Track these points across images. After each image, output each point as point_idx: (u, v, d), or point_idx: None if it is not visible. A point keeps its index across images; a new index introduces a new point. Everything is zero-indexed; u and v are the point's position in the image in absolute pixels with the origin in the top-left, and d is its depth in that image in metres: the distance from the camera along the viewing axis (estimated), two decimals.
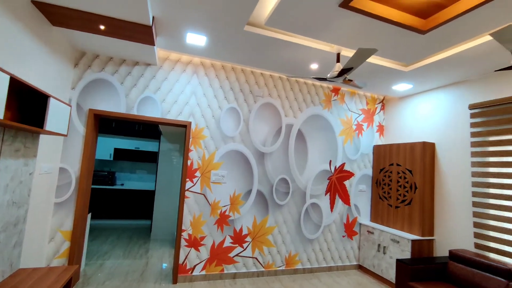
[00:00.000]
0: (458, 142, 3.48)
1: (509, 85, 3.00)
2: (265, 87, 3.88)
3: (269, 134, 3.86)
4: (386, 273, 3.78)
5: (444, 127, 3.67)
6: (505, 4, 1.99)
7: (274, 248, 3.81)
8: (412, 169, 3.78)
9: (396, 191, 4.01)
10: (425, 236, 3.59)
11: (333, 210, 4.18)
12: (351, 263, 4.27)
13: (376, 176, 4.39)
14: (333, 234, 4.17)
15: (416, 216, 3.66)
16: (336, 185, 4.22)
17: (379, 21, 2.34)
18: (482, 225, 3.11)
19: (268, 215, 3.79)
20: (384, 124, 4.67)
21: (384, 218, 4.16)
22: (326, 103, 4.24)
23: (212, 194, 3.53)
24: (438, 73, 3.29)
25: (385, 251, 3.83)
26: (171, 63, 3.45)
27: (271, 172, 3.84)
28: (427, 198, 3.67)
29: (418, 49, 2.80)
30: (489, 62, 2.90)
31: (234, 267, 3.59)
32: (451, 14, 2.19)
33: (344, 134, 4.32)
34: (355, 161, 4.37)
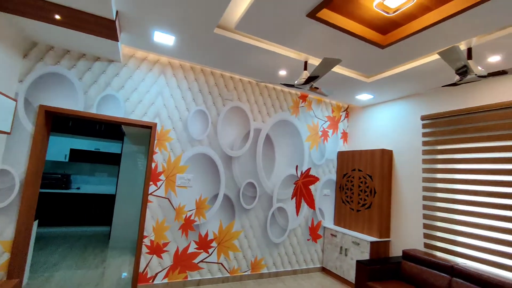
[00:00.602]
0: (412, 150, 3.77)
1: (454, 100, 3.34)
2: (234, 91, 3.87)
3: (237, 138, 3.85)
4: (348, 274, 3.94)
5: (401, 136, 3.96)
6: (451, 27, 2.21)
7: (240, 253, 3.77)
8: (372, 174, 4.01)
9: (357, 195, 4.22)
10: (382, 238, 3.82)
11: (298, 214, 4.27)
12: (315, 265, 4.38)
13: (340, 181, 4.58)
14: (299, 238, 4.25)
15: (375, 219, 3.88)
16: (302, 189, 4.33)
17: (344, 33, 2.47)
18: (430, 226, 3.39)
19: (235, 219, 3.76)
20: (348, 131, 4.91)
21: (347, 221, 4.35)
22: (294, 109, 4.35)
23: (177, 198, 3.41)
24: (395, 85, 3.56)
25: (347, 253, 3.99)
26: (136, 61, 3.30)
27: (239, 176, 3.82)
28: (385, 202, 3.91)
29: (378, 62, 3.00)
30: (439, 78, 3.20)
31: (199, 273, 3.48)
32: (406, 33, 2.38)
33: (311, 140, 4.46)
34: (320, 166, 4.53)
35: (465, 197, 3.09)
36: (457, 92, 3.32)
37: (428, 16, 2.20)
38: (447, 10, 2.06)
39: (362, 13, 2.29)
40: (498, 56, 2.58)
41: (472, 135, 3.09)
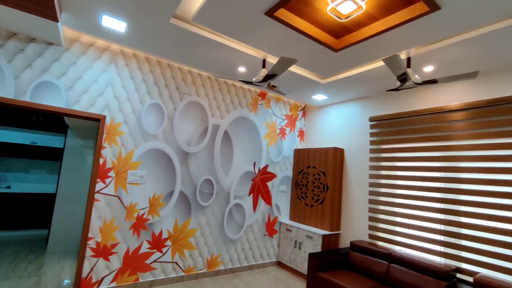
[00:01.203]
0: (361, 149, 4.07)
1: (397, 104, 3.69)
2: (192, 85, 3.76)
3: (194, 134, 3.75)
4: (301, 267, 4.12)
5: (352, 135, 4.25)
6: (394, 38, 2.43)
7: (196, 251, 3.70)
8: (326, 171, 4.24)
9: (312, 191, 4.43)
10: (333, 231, 4.07)
11: (256, 210, 4.33)
12: (271, 260, 4.50)
13: (296, 177, 4.76)
14: (255, 234, 4.32)
15: (327, 214, 4.12)
16: (259, 186, 4.40)
17: (300, 34, 2.55)
18: (374, 219, 3.71)
19: (191, 217, 3.67)
20: (304, 129, 5.12)
21: (301, 216, 4.54)
22: (253, 106, 4.39)
23: (128, 196, 3.20)
24: (347, 88, 3.80)
25: (301, 247, 4.17)
26: (82, 46, 3.00)
27: (195, 173, 3.73)
28: (336, 197, 4.17)
29: (331, 65, 3.17)
30: (384, 83, 3.50)
31: (151, 274, 3.33)
32: (356, 39, 2.56)
33: (269, 138, 4.55)
34: (277, 163, 4.65)
35: (402, 191, 3.44)
36: (400, 97, 3.67)
37: (375, 25, 2.38)
38: (390, 21, 2.25)
39: (318, 16, 2.39)
40: (431, 66, 2.91)
41: (410, 136, 3.45)
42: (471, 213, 2.82)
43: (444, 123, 3.14)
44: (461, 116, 3.00)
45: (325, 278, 3.13)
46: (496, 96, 2.79)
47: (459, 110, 3.03)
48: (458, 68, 2.89)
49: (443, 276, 2.71)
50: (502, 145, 2.68)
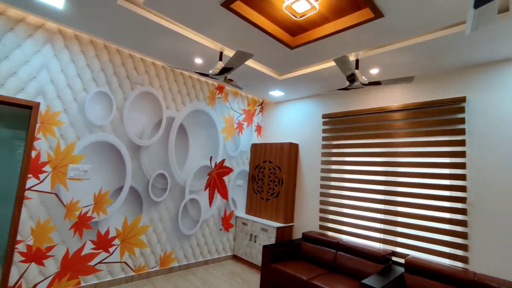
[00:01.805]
0: (314, 144, 4.27)
1: (347, 102, 3.93)
2: (145, 75, 3.53)
3: (147, 126, 3.54)
4: (256, 259, 4.21)
5: (306, 131, 4.43)
6: (344, 40, 2.57)
7: (148, 249, 3.53)
8: (281, 166, 4.37)
9: (267, 185, 4.53)
10: (287, 223, 4.23)
11: (211, 204, 4.28)
12: (227, 254, 4.51)
13: (252, 172, 4.82)
14: (211, 228, 4.28)
15: (281, 207, 4.25)
16: (215, 180, 4.35)
17: (257, 29, 2.55)
18: (325, 210, 3.95)
19: (142, 213, 3.48)
20: (262, 124, 5.19)
21: (257, 210, 4.62)
22: (210, 99, 4.30)
23: (68, 193, 2.91)
24: (303, 85, 3.94)
25: (256, 240, 4.26)
26: (8, 21, 2.60)
27: (148, 167, 3.54)
28: (291, 191, 4.33)
29: (287, 62, 3.25)
30: (336, 82, 3.70)
31: (96, 277, 3.09)
32: (310, 38, 2.65)
33: (226, 132, 4.52)
34: (234, 157, 4.64)
35: (350, 184, 3.71)
36: (349, 96, 3.92)
37: (327, 26, 2.49)
38: (341, 24, 2.38)
39: (274, 12, 2.41)
40: (377, 69, 3.16)
41: (357, 133, 3.72)
42: (406, 203, 3.16)
43: (386, 121, 3.45)
44: (400, 116, 3.33)
45: (278, 269, 3.24)
46: (427, 100, 3.15)
47: (398, 111, 3.35)
48: (399, 72, 3.19)
49: (381, 260, 3.01)
50: (431, 142, 3.04)
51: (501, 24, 2.13)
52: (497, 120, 2.67)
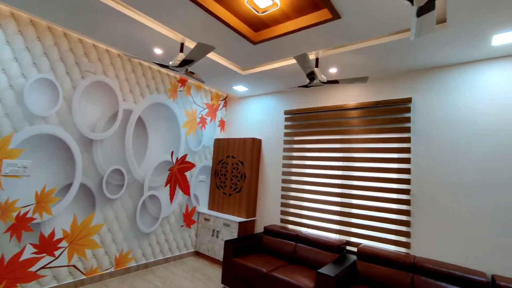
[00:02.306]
0: (276, 140, 4.35)
1: (308, 99, 4.07)
2: (98, 62, 3.27)
3: (101, 118, 3.29)
4: (218, 254, 4.19)
5: (269, 127, 4.49)
6: (305, 38, 2.64)
7: (101, 249, 3.31)
8: (244, 161, 4.38)
9: (230, 180, 4.52)
10: (249, 218, 4.27)
11: (172, 201, 4.15)
12: (188, 250, 4.42)
13: (215, 167, 4.77)
14: (172, 225, 4.16)
15: (244, 202, 4.28)
16: (177, 176, 4.22)
17: (219, 22, 2.50)
18: (286, 204, 4.06)
19: (95, 212, 3.25)
20: (225, 119, 5.14)
21: (220, 205, 4.59)
22: (171, 92, 4.13)
23: (3, 192, 2.59)
24: (266, 81, 3.97)
25: (218, 235, 4.23)
26: None
27: (102, 163, 3.30)
28: (253, 186, 4.37)
29: (250, 57, 3.24)
30: (297, 79, 3.80)
31: (38, 283, 2.82)
32: (272, 34, 2.67)
33: (188, 126, 4.39)
34: (197, 152, 4.54)
35: (310, 179, 3.86)
36: (310, 93, 4.06)
37: (288, 23, 2.54)
38: (301, 22, 2.43)
39: (237, 6, 2.38)
40: (335, 69, 3.30)
41: (317, 129, 3.87)
42: (359, 195, 3.39)
43: (343, 119, 3.64)
44: (356, 114, 3.53)
45: (239, 263, 3.26)
46: (379, 99, 3.39)
47: (354, 109, 3.55)
48: (355, 72, 3.37)
49: (336, 249, 3.20)
50: (381, 139, 3.29)
51: (441, 33, 2.36)
52: (436, 120, 2.98)
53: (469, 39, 2.42)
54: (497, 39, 2.39)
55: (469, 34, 2.35)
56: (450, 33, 2.35)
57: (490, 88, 2.72)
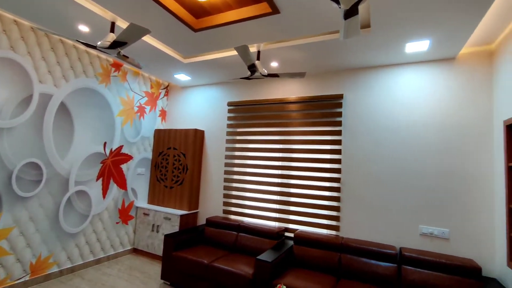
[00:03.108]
0: (219, 131, 4.32)
1: (250, 92, 4.12)
2: (3, 35, 2.74)
3: (8, 103, 2.79)
4: (159, 250, 4.02)
5: (212, 118, 4.42)
6: (246, 29, 2.64)
7: (11, 257, 2.85)
8: (186, 152, 4.24)
9: (171, 172, 4.34)
10: (191, 210, 4.19)
11: (106, 196, 3.80)
12: (125, 248, 4.14)
13: (156, 159, 4.52)
14: (105, 222, 3.82)
15: (186, 194, 4.16)
16: (111, 169, 3.87)
17: (156, 4, 2.32)
18: (228, 195, 4.09)
19: (1, 213, 2.77)
20: (167, 109, 4.88)
21: (160, 198, 4.38)
22: (103, 77, 3.73)
23: None
24: (208, 71, 3.88)
25: (158, 230, 4.05)
26: None
27: (10, 155, 2.81)
28: (195, 178, 4.28)
29: (191, 44, 3.11)
30: (240, 71, 3.81)
31: None
32: (214, 23, 2.60)
33: (124, 115, 4.04)
34: (135, 144, 4.23)
35: (251, 170, 3.95)
36: (253, 86, 4.12)
37: (230, 13, 2.50)
38: (242, 13, 2.43)
39: None
40: (276, 63, 3.41)
41: (259, 121, 3.96)
42: (297, 184, 3.61)
43: (284, 112, 3.80)
44: (295, 107, 3.72)
45: (180, 256, 3.19)
46: (316, 94, 3.63)
47: (294, 102, 3.73)
48: (295, 67, 3.53)
49: (275, 236, 3.37)
50: (317, 132, 3.54)
51: (366, 37, 2.63)
52: (362, 115, 3.33)
53: (388, 45, 2.75)
54: (410, 47, 2.77)
55: (388, 40, 2.66)
56: (373, 38, 2.63)
57: (404, 89, 3.15)
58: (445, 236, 2.81)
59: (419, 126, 3.03)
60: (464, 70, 2.89)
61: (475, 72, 2.84)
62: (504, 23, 2.36)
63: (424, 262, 2.63)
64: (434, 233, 2.86)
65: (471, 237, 2.72)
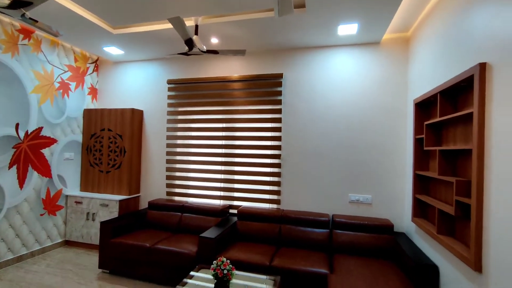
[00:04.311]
0: (159, 111, 4.08)
1: (191, 69, 3.94)
2: None
3: None
4: (96, 239, 3.75)
5: (151, 96, 4.13)
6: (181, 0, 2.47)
7: None
8: (122, 134, 3.92)
9: (107, 156, 3.99)
10: (132, 195, 3.96)
11: (24, 186, 3.33)
12: (54, 242, 3.74)
13: (87, 142, 4.08)
14: (25, 216, 3.36)
15: (124, 178, 3.90)
16: (28, 154, 3.37)
17: None
18: (171, 177, 3.97)
19: None
20: (97, 87, 4.38)
21: (95, 185, 4.03)
22: (9, 45, 3.13)
23: None
24: (143, 45, 3.56)
25: (94, 218, 3.75)
26: None
27: None
28: (135, 161, 4.02)
29: (119, 12, 2.78)
30: (178, 46, 3.59)
31: None
32: None
33: (41, 92, 3.50)
34: (59, 125, 3.73)
35: (195, 150, 3.87)
36: (194, 63, 3.94)
37: None
38: None
39: None
40: (216, 39, 3.30)
41: (201, 100, 3.85)
42: (240, 162, 3.67)
43: (226, 90, 3.75)
44: (237, 86, 3.70)
45: (118, 243, 3.02)
46: (258, 73, 3.66)
47: (236, 81, 3.70)
48: (235, 44, 3.47)
49: (219, 214, 3.43)
50: (260, 110, 3.61)
51: (301, 17, 2.70)
52: (301, 94, 3.49)
53: (322, 26, 2.88)
54: (341, 29, 2.94)
55: (322, 22, 2.78)
56: (308, 18, 2.71)
57: (338, 70, 3.37)
58: (369, 202, 3.22)
59: (350, 104, 3.32)
60: (386, 54, 3.22)
61: (395, 56, 3.19)
62: (417, 13, 2.67)
63: (350, 225, 2.99)
64: (360, 200, 3.25)
65: (388, 200, 3.17)
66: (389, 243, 2.80)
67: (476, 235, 1.58)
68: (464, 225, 1.88)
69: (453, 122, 2.10)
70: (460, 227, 1.94)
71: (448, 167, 2.08)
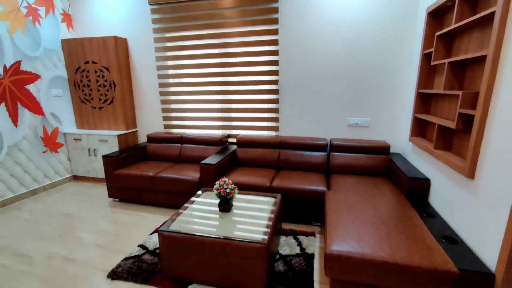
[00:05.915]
0: (145, 38, 3.71)
1: None
2: None
3: None
4: (101, 173, 3.89)
5: (134, 22, 3.70)
6: None
7: None
8: (109, 66, 3.66)
9: (97, 91, 3.82)
10: (129, 129, 3.93)
11: (18, 124, 3.27)
12: (63, 177, 3.90)
13: (73, 77, 3.85)
14: (28, 153, 3.41)
15: (119, 113, 3.81)
16: (13, 91, 3.21)
17: None
18: (167, 109, 3.87)
19: None
20: (71, 12, 3.89)
21: (91, 121, 3.97)
22: None
23: None
24: None
25: (96, 153, 3.82)
26: None
27: None
28: (127, 95, 3.86)
29: None
30: None
31: None
32: None
33: (9, 19, 3.11)
34: (38, 58, 3.45)
35: (188, 79, 3.68)
36: None
37: None
38: None
39: None
40: None
41: (190, 23, 3.46)
42: (237, 90, 3.52)
43: (215, 10, 3.33)
44: (229, 4, 3.27)
45: (122, 174, 3.13)
46: None
47: None
48: None
49: (219, 143, 3.46)
50: (255, 32, 3.27)
51: None
52: (298, 11, 3.10)
53: None
54: None
55: None
56: None
57: None
58: (367, 124, 3.21)
59: (351, 23, 2.98)
60: None
61: None
62: None
63: (348, 147, 3.04)
64: (359, 123, 3.23)
65: (385, 122, 3.15)
66: (385, 162, 2.89)
67: (475, 145, 1.58)
68: (462, 138, 1.88)
69: (468, 29, 1.89)
70: (458, 141, 1.94)
71: (455, 81, 1.97)
